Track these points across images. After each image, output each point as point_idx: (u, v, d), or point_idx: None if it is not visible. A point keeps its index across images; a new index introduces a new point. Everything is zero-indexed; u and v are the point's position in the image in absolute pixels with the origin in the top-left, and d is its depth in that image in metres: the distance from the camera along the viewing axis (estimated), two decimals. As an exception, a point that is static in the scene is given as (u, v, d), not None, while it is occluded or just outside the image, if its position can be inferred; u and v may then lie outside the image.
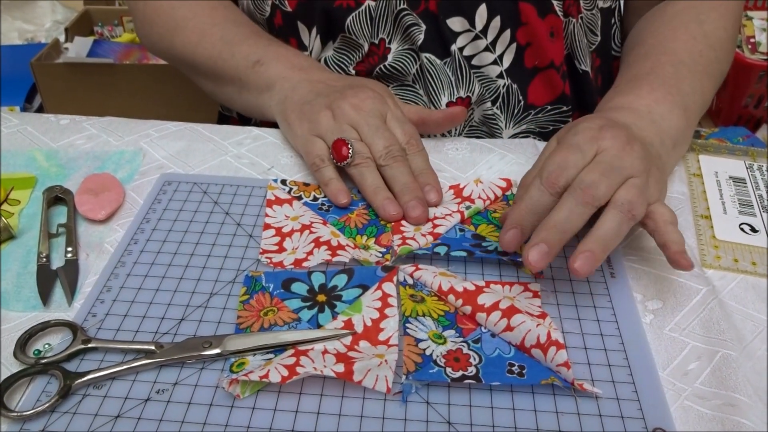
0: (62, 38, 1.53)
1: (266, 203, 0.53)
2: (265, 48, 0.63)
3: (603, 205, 0.44)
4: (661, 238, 0.44)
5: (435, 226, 0.51)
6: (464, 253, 0.47)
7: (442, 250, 0.48)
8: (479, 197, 0.54)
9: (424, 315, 0.44)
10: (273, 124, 0.63)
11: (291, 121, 0.58)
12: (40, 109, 1.47)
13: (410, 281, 0.47)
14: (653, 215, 0.45)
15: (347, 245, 0.49)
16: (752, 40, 1.24)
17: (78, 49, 1.47)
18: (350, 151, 0.53)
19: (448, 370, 0.40)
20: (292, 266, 0.48)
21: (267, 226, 0.51)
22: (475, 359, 0.41)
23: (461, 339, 0.42)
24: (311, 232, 0.50)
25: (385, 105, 0.57)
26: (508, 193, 0.55)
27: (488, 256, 0.47)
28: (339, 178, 0.54)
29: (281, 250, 0.49)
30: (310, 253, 0.48)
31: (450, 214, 0.52)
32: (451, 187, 0.56)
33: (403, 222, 0.52)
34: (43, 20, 1.76)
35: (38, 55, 1.41)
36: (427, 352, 0.41)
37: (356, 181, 0.54)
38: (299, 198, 0.54)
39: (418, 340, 0.42)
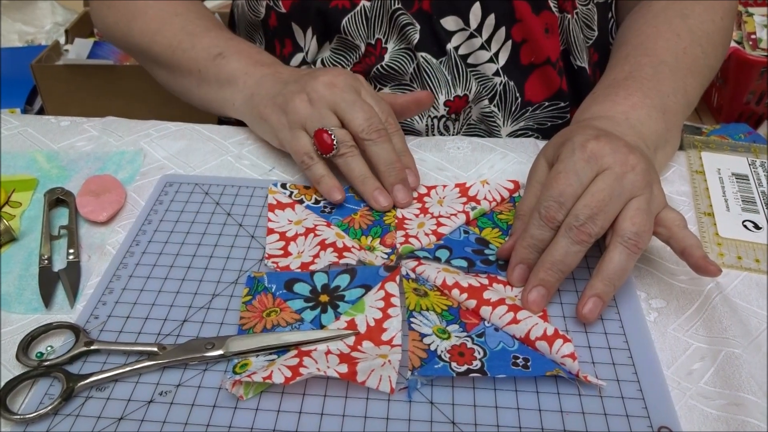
0: (62, 40, 1.53)
1: (268, 207, 0.53)
2: (226, 42, 0.62)
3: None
4: (679, 244, 0.44)
5: (439, 224, 0.51)
6: (465, 263, 0.47)
7: (443, 255, 0.48)
8: (485, 198, 0.53)
9: (427, 309, 0.44)
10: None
11: (266, 116, 0.56)
12: (41, 111, 1.47)
13: (413, 275, 0.47)
14: (664, 222, 0.45)
15: (353, 247, 0.49)
16: (753, 37, 1.23)
17: (78, 50, 1.47)
18: (333, 140, 0.52)
19: (453, 364, 0.40)
20: (299, 270, 0.47)
21: (270, 231, 0.51)
22: (479, 353, 0.41)
23: (465, 334, 0.42)
24: (316, 235, 0.50)
25: (358, 81, 0.56)
26: (515, 195, 0.55)
27: (487, 269, 0.47)
28: (330, 174, 0.53)
29: (287, 254, 0.49)
30: (317, 255, 0.48)
31: (455, 214, 0.52)
32: (456, 186, 0.55)
33: (407, 219, 0.52)
34: (43, 22, 1.75)
35: (38, 57, 1.41)
36: (432, 348, 0.41)
37: (343, 171, 0.53)
38: (300, 201, 0.54)
39: (423, 335, 0.42)
